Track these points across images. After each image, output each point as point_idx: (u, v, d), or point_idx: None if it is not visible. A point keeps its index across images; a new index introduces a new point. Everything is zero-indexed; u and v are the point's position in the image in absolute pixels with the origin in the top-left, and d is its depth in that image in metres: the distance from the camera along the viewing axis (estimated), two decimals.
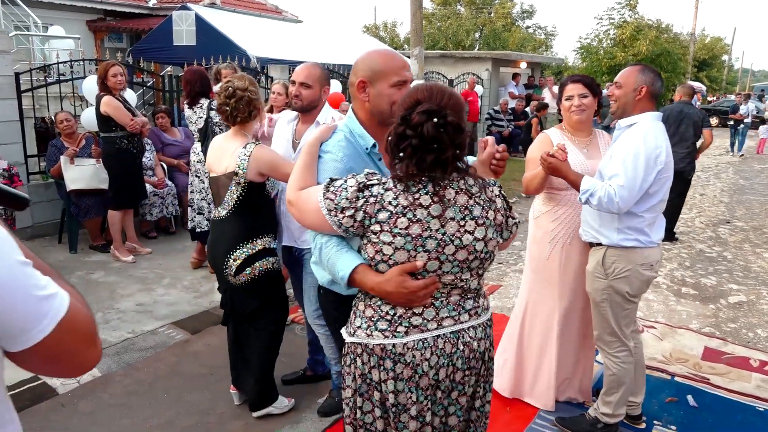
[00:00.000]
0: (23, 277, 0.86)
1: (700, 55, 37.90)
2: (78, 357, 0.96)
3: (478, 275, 1.78)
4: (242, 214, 2.92)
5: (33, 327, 0.86)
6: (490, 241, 1.73)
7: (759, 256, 6.56)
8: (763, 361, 3.97)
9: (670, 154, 2.67)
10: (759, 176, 12.61)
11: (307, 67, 2.97)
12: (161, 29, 10.77)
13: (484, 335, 1.82)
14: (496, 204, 1.76)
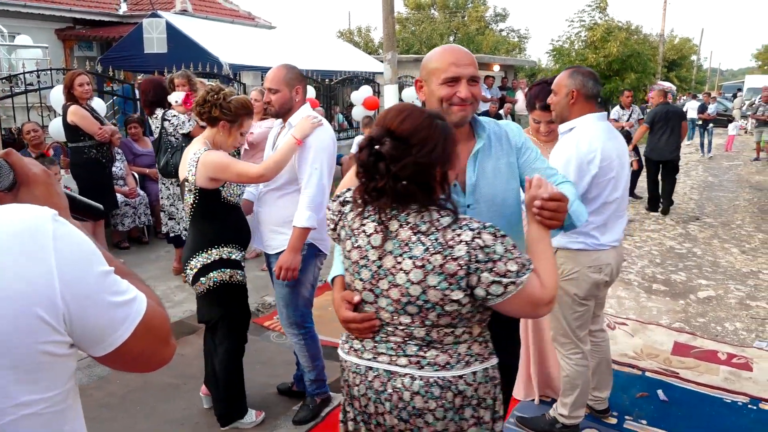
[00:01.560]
0: (105, 287, 0.92)
1: (670, 56, 38.61)
2: (156, 355, 1.03)
3: (425, 325, 1.57)
4: (198, 221, 2.91)
5: (113, 332, 0.93)
6: (431, 290, 1.51)
7: (727, 252, 6.70)
8: (731, 354, 4.06)
9: (609, 157, 2.63)
10: (727, 173, 12.89)
11: (273, 71, 2.94)
12: (131, 37, 10.68)
13: (429, 395, 1.57)
14: (453, 251, 1.49)
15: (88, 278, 0.90)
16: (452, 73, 1.83)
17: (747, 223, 8.15)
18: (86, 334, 0.91)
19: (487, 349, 1.69)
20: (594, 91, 2.71)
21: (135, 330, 0.94)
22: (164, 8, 13.33)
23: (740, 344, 4.26)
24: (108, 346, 0.93)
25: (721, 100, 28.82)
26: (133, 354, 0.97)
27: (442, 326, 1.57)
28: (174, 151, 4.96)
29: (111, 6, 14.84)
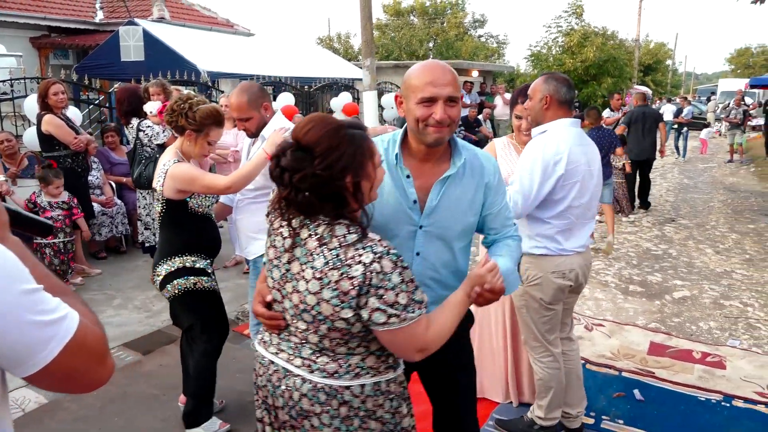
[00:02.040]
0: (27, 305, 0.89)
1: (645, 60, 39.21)
2: (88, 375, 0.99)
3: (318, 334, 1.59)
4: (165, 230, 2.96)
5: (38, 353, 0.89)
6: (324, 303, 1.52)
7: (702, 252, 6.82)
8: (705, 353, 4.14)
9: (576, 161, 2.64)
10: (702, 175, 13.12)
11: (235, 100, 2.93)
12: (108, 45, 10.59)
13: (315, 399, 1.60)
14: (349, 270, 1.47)
15: (7, 296, 0.86)
16: (429, 93, 1.76)
17: (721, 224, 8.30)
18: (4, 354, 0.87)
19: (384, 363, 1.67)
20: (567, 96, 2.74)
21: (64, 349, 0.91)
22: (141, 16, 13.23)
23: (714, 343, 4.34)
24: (32, 366, 0.89)
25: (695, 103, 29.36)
26: (62, 373, 0.94)
27: (334, 337, 1.58)
28: (147, 163, 4.94)
29: (87, 14, 14.70)
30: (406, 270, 1.52)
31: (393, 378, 1.70)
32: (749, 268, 6.18)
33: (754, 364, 3.97)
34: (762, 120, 16.61)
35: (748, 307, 5.09)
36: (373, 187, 1.63)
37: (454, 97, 1.80)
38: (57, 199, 5.26)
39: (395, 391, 1.71)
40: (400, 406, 1.73)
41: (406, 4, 36.91)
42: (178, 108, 2.86)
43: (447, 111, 1.78)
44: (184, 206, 2.89)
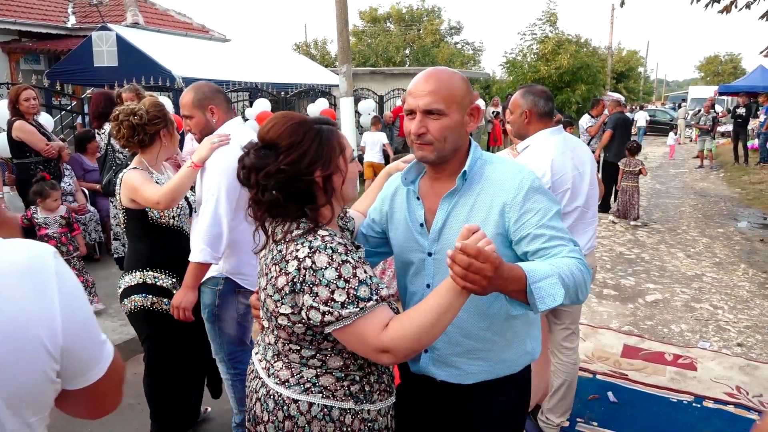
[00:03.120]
0: (93, 324, 1.00)
1: (618, 68, 39.93)
2: (112, 399, 1.07)
3: (273, 335, 1.56)
4: (130, 241, 2.86)
5: (94, 367, 0.99)
6: (268, 298, 1.50)
7: (673, 256, 6.96)
8: (677, 355, 4.22)
9: (562, 170, 2.70)
10: (674, 180, 13.38)
11: (183, 95, 2.73)
12: (81, 50, 10.45)
13: (265, 405, 1.56)
14: (286, 266, 1.44)
15: (83, 314, 0.97)
16: (408, 105, 1.64)
17: (692, 228, 8.48)
18: (73, 366, 0.96)
19: (344, 389, 1.53)
20: (545, 108, 2.82)
21: (108, 369, 1.00)
22: (114, 21, 13.08)
23: (685, 345, 4.43)
24: (87, 379, 0.98)
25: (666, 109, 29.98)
26: (98, 394, 1.02)
27: (284, 339, 1.53)
28: (117, 169, 4.87)
29: (59, 19, 14.48)
30: (345, 264, 1.40)
31: (352, 409, 1.53)
32: (719, 272, 6.32)
33: (723, 366, 4.06)
34: (730, 126, 17.01)
35: (718, 309, 5.20)
36: (345, 181, 1.56)
37: (433, 110, 1.58)
38: (54, 214, 4.95)
39: (354, 426, 1.53)
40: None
41: (383, 11, 37.11)
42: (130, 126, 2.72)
43: (425, 124, 1.60)
44: (144, 216, 2.76)
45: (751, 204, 10.38)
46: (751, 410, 3.48)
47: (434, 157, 1.64)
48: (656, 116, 27.60)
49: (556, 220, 1.59)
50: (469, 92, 1.66)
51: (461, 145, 1.68)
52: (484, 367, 1.72)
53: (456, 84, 1.63)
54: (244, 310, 2.72)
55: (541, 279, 1.38)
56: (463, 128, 1.65)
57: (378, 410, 1.60)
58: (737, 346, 4.44)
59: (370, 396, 1.57)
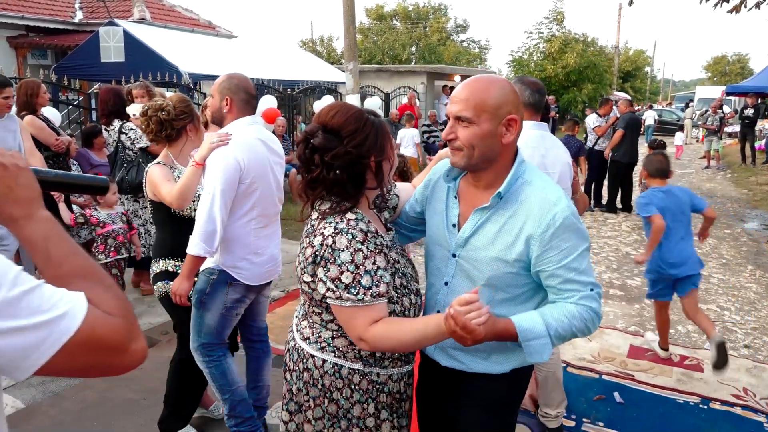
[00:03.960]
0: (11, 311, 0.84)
1: (625, 67, 39.81)
2: (107, 365, 0.94)
3: (302, 297, 1.78)
4: (157, 230, 3.03)
5: (25, 358, 0.85)
6: (299, 265, 1.71)
7: None
8: (683, 356, 4.20)
9: (547, 155, 2.76)
10: (680, 181, 13.31)
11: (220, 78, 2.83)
12: (88, 45, 10.48)
13: (290, 356, 1.82)
14: (313, 239, 1.64)
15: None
16: (447, 112, 1.71)
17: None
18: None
19: (353, 352, 1.71)
20: (531, 99, 2.79)
21: (61, 350, 0.86)
22: (121, 16, 13.11)
23: (692, 346, 4.41)
24: (24, 371, 0.86)
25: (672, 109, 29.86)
26: (71, 369, 0.91)
27: (310, 304, 1.73)
28: (130, 167, 4.88)
29: (66, 14, 14.52)
30: (359, 252, 1.57)
31: (360, 371, 1.71)
32: (726, 273, 6.29)
33: (730, 367, 4.02)
34: (738, 127, 16.93)
35: (724, 311, 5.17)
36: (392, 168, 1.74)
37: (462, 117, 1.62)
38: (115, 210, 4.88)
39: (362, 386, 1.72)
40: (366, 404, 1.73)
41: (389, 9, 37.08)
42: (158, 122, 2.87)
43: (454, 130, 1.64)
44: (166, 208, 2.87)
45: (758, 205, 10.33)
46: (758, 412, 3.47)
47: (463, 164, 1.66)
48: (663, 116, 27.49)
49: (579, 261, 1.62)
50: (510, 103, 1.62)
51: (495, 156, 1.65)
52: (483, 365, 1.79)
53: (492, 93, 1.61)
54: (232, 304, 2.80)
55: (532, 339, 1.58)
56: (496, 139, 1.62)
57: (389, 375, 1.75)
58: (744, 347, 4.41)
59: (380, 361, 1.73)
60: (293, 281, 5.69)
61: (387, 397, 1.77)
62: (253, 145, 2.69)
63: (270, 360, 3.22)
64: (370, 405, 1.74)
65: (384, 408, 1.76)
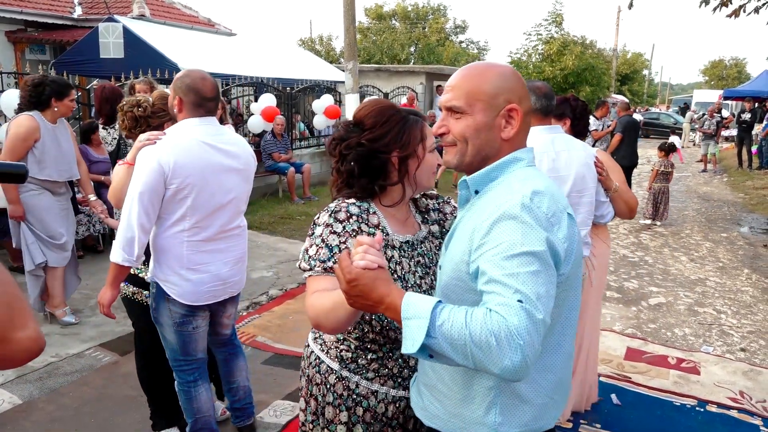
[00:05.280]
0: None
1: (623, 70, 39.92)
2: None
3: None
4: None
5: None
6: None
7: (677, 260, 6.95)
8: (680, 359, 4.22)
9: (558, 158, 2.76)
10: (677, 184, 13.35)
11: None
12: (87, 41, 10.43)
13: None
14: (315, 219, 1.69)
15: None
16: (438, 102, 1.55)
17: (695, 233, 8.47)
18: None
19: (336, 350, 1.69)
20: (537, 105, 2.73)
21: None
22: (121, 12, 13.06)
23: (689, 349, 4.42)
24: None
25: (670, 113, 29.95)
26: None
27: None
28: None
29: (65, 9, 14.46)
30: (331, 228, 1.57)
31: (337, 372, 1.69)
32: (722, 276, 6.32)
33: (726, 370, 4.06)
34: (735, 131, 16.99)
35: (721, 314, 5.20)
36: (420, 167, 1.65)
37: (453, 107, 1.40)
38: None
39: (336, 389, 1.68)
40: (339, 410, 1.68)
41: (388, 8, 37.08)
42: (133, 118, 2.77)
43: (446, 122, 1.42)
44: None
45: (755, 209, 10.37)
46: (754, 415, 3.48)
47: (456, 162, 1.42)
48: (660, 119, 27.58)
49: (512, 261, 1.19)
50: (509, 90, 1.38)
51: (494, 153, 1.40)
52: (440, 413, 1.47)
53: (487, 79, 1.38)
54: (180, 320, 2.60)
55: (411, 317, 1.18)
56: (493, 132, 1.38)
57: (373, 391, 1.66)
58: (740, 351, 4.43)
59: (362, 370, 1.66)
60: (291, 280, 5.69)
61: (366, 413, 1.66)
62: (188, 147, 2.42)
63: (242, 361, 3.02)
64: (343, 413, 1.67)
65: (360, 424, 1.67)
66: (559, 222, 1.29)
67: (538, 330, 1.14)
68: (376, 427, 1.67)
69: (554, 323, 1.35)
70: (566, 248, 1.30)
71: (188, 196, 2.42)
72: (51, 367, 3.83)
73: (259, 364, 3.97)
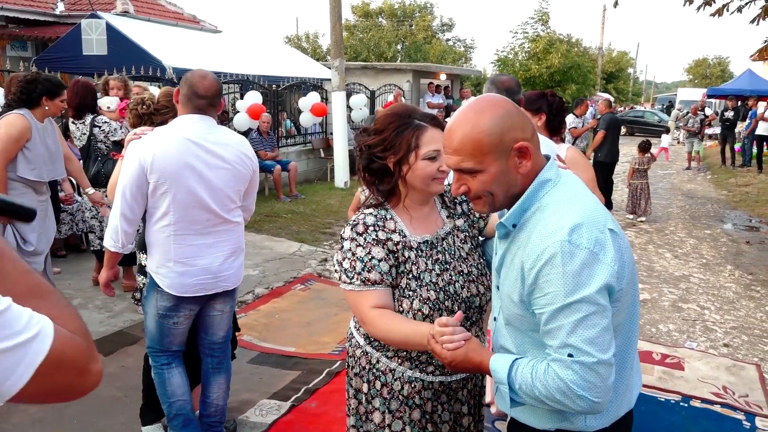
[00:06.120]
0: None
1: (608, 68, 40.16)
2: (71, 388, 0.90)
3: None
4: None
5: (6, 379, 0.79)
6: None
7: (661, 257, 7.01)
8: (664, 354, 4.25)
9: None
10: (662, 182, 13.48)
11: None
12: (69, 38, 10.31)
13: None
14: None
15: None
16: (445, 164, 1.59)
17: (679, 229, 8.55)
18: None
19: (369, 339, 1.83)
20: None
21: (37, 371, 0.82)
22: (104, 9, 12.93)
23: (673, 345, 4.46)
24: (3, 395, 0.81)
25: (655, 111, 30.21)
26: (38, 395, 0.85)
27: None
28: (105, 160, 4.87)
29: (47, 5, 14.28)
30: (355, 241, 1.71)
31: (361, 347, 1.85)
32: (706, 272, 6.38)
33: (710, 365, 4.10)
34: (718, 129, 17.17)
35: (705, 310, 5.25)
36: (410, 172, 1.70)
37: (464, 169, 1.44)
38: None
39: (362, 362, 1.85)
40: (362, 380, 1.85)
41: (375, 6, 37.04)
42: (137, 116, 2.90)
43: (464, 182, 1.45)
44: None
45: (738, 206, 10.49)
46: (737, 410, 3.52)
47: (488, 210, 1.49)
48: (645, 117, 27.81)
49: (562, 313, 1.28)
50: (511, 128, 1.37)
51: (520, 188, 1.42)
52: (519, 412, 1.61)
53: (483, 130, 1.36)
54: (164, 311, 2.65)
55: (498, 382, 1.43)
56: (512, 174, 1.40)
57: (392, 369, 1.79)
58: (724, 346, 4.48)
59: (383, 348, 1.79)
60: (277, 278, 5.66)
61: (384, 388, 1.81)
62: (169, 143, 2.47)
63: (223, 378, 2.92)
64: (365, 385, 1.84)
65: (378, 398, 1.82)
66: (603, 246, 1.30)
67: (597, 371, 1.28)
68: (394, 404, 1.80)
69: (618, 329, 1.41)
70: (617, 269, 1.31)
71: (168, 191, 2.46)
72: None
73: (245, 363, 3.95)
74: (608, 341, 1.29)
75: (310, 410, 3.39)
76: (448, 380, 1.81)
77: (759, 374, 4.00)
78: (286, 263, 6.17)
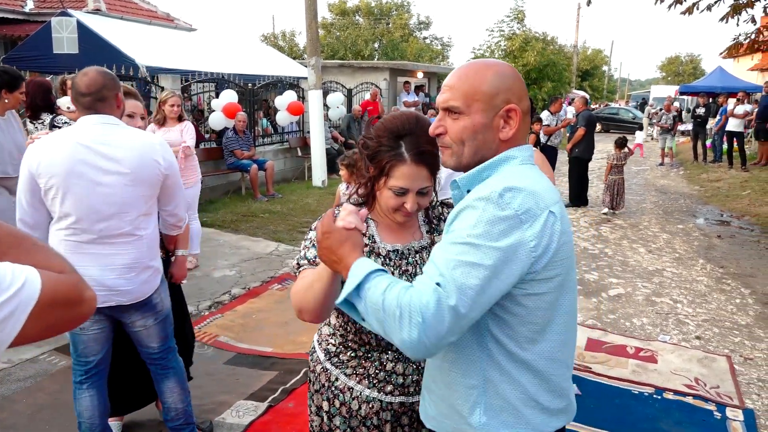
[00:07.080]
0: None
1: (583, 66, 40.58)
2: (68, 318, 1.01)
3: None
4: None
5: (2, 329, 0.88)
6: None
7: (635, 252, 7.12)
8: (638, 348, 4.32)
9: None
10: (636, 177, 13.67)
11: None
12: (39, 36, 10.12)
13: None
14: None
15: None
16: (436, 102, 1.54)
17: (653, 225, 8.68)
18: None
19: (326, 342, 1.78)
20: None
21: (29, 316, 0.91)
22: (75, 6, 12.71)
23: (647, 338, 4.53)
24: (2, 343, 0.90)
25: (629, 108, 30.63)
26: (39, 331, 0.95)
27: None
28: None
29: (16, 3, 13.99)
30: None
31: (320, 361, 1.77)
32: (678, 267, 6.49)
33: (682, 358, 4.17)
34: (690, 125, 17.47)
35: (677, 303, 5.34)
36: (380, 193, 1.62)
37: (450, 107, 1.38)
38: None
39: (321, 379, 1.77)
40: (322, 398, 1.77)
41: (352, 4, 36.96)
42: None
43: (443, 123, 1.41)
44: None
45: (709, 201, 10.69)
46: (708, 401, 3.59)
47: (453, 163, 1.40)
48: (619, 114, 28.19)
49: (456, 248, 1.21)
50: (508, 90, 1.35)
51: (489, 154, 1.37)
52: (434, 414, 1.48)
53: (485, 79, 1.34)
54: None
55: (352, 276, 1.26)
56: (491, 133, 1.36)
57: (350, 387, 1.70)
58: (696, 339, 4.56)
59: (343, 366, 1.72)
60: (254, 278, 5.62)
61: (342, 407, 1.72)
62: (56, 148, 2.35)
63: (172, 382, 2.81)
64: (325, 402, 1.75)
65: (338, 416, 1.73)
66: (532, 220, 1.23)
67: (445, 317, 1.16)
68: (353, 423, 1.72)
69: (546, 328, 1.33)
70: (536, 246, 1.23)
71: (57, 195, 2.35)
72: (2, 373, 3.70)
73: (221, 364, 3.91)
74: (474, 305, 1.18)
75: (288, 410, 3.38)
76: (409, 401, 1.69)
77: (729, 365, 4.08)
78: (264, 263, 6.13)
